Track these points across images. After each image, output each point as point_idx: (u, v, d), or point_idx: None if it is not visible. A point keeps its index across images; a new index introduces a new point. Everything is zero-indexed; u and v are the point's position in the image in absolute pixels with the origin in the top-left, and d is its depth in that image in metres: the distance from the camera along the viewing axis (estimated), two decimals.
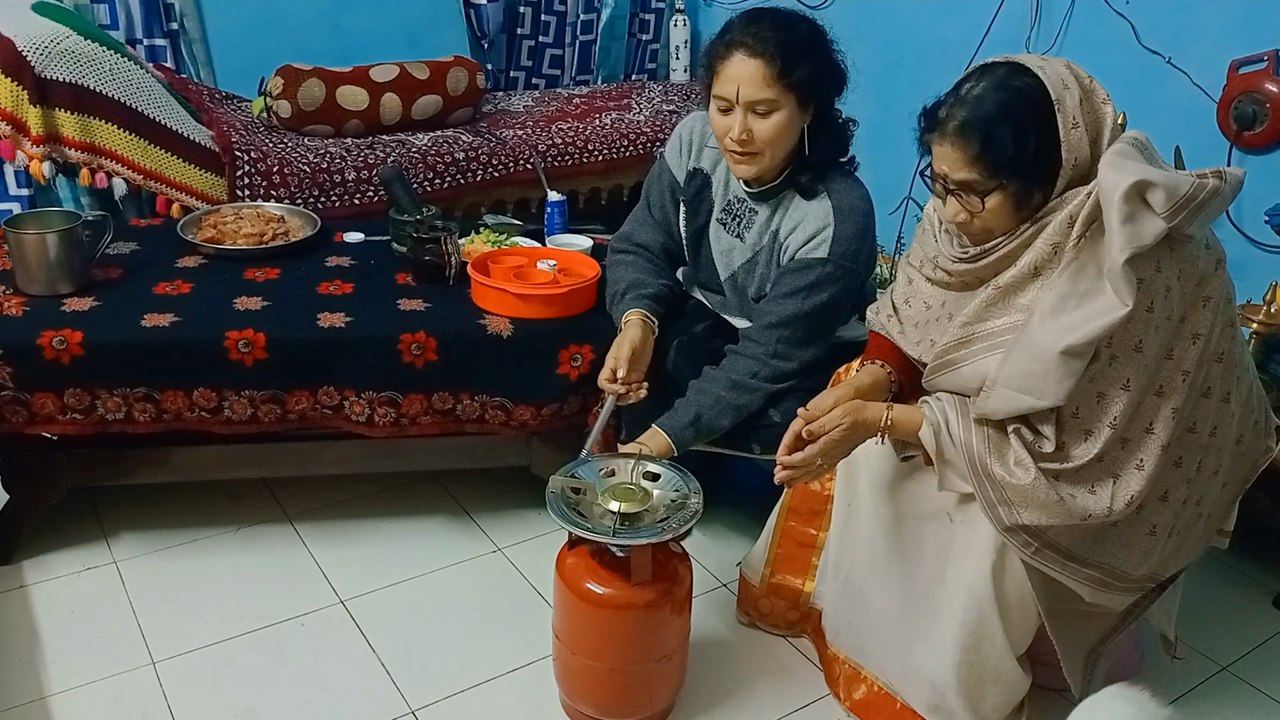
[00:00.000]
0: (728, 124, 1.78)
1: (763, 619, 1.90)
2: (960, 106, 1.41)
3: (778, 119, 1.75)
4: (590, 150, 3.31)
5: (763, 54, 1.72)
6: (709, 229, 1.98)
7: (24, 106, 2.49)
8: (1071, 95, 1.37)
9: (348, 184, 2.89)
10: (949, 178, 1.42)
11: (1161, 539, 1.49)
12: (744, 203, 1.92)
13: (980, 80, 1.41)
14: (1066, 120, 1.36)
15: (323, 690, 1.74)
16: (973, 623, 1.51)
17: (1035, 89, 1.37)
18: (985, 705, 1.57)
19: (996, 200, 1.40)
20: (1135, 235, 1.28)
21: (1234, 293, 1.48)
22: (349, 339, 1.92)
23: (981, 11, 2.99)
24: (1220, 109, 2.49)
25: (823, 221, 1.81)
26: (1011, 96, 1.38)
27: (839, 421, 1.49)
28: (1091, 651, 1.66)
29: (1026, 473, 1.38)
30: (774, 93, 1.73)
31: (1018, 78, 1.39)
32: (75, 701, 1.69)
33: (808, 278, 1.81)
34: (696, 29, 4.21)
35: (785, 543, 1.84)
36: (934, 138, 1.44)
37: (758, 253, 1.91)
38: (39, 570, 1.99)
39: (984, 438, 1.43)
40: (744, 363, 1.85)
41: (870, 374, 1.63)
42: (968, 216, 1.44)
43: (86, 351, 1.84)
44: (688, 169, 1.97)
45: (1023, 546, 1.44)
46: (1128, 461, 1.41)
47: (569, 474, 1.63)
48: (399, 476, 2.31)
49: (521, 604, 1.97)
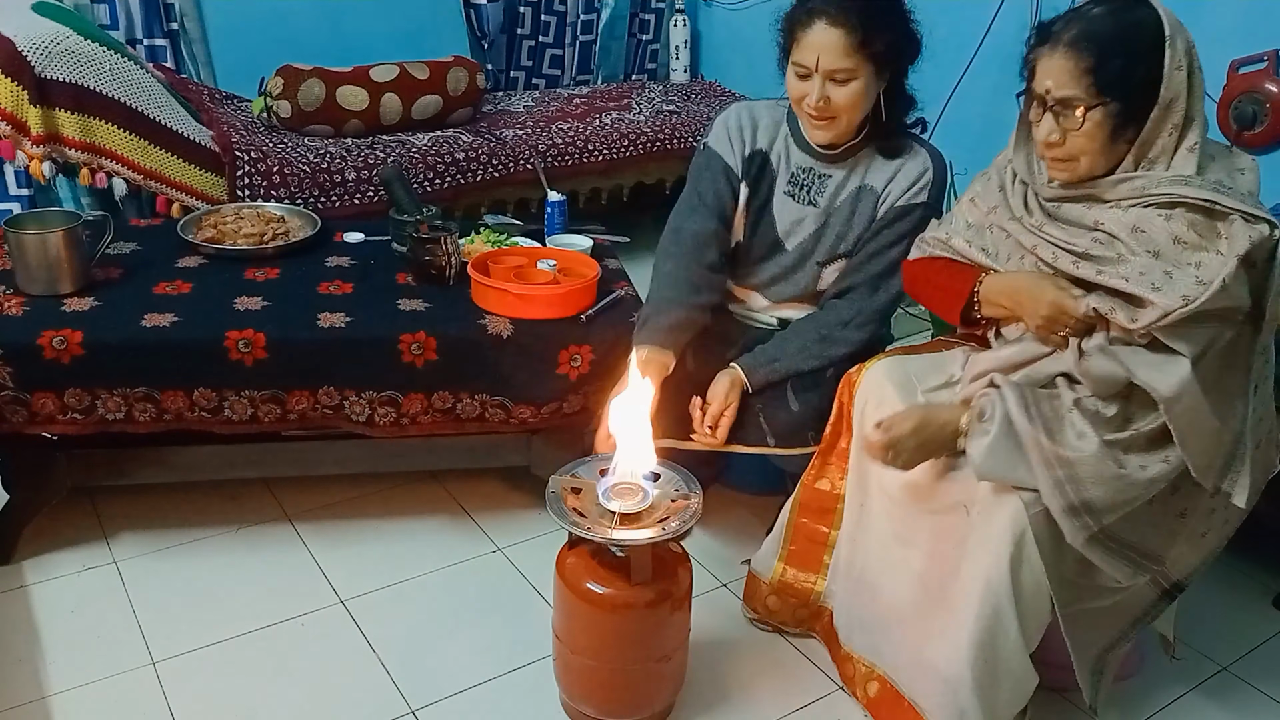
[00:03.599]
0: (805, 89, 1.79)
1: (770, 615, 1.90)
2: (1078, 21, 1.45)
3: (855, 86, 1.77)
4: (590, 150, 3.31)
5: (845, 24, 1.73)
6: (772, 203, 1.97)
7: (24, 106, 2.49)
8: (1184, 36, 1.42)
9: (348, 184, 2.89)
10: (1051, 93, 1.45)
11: (1190, 523, 1.53)
12: (811, 171, 1.93)
13: (1100, 4, 1.46)
14: (1175, 58, 1.41)
15: (323, 690, 1.74)
16: (989, 616, 1.50)
17: (1151, 22, 1.42)
18: (999, 702, 1.55)
19: (1096, 120, 1.44)
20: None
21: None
22: (349, 339, 1.92)
23: (981, 11, 2.99)
24: (1220, 109, 2.49)
25: (922, 166, 1.87)
26: (1130, 21, 1.43)
27: (904, 421, 1.54)
28: (1098, 659, 1.66)
29: (1089, 443, 1.42)
30: (853, 62, 1.74)
31: (1137, 8, 1.44)
32: (75, 701, 1.69)
33: (909, 223, 1.87)
34: (696, 29, 4.21)
35: (797, 539, 1.84)
36: (1044, 51, 1.47)
37: (831, 215, 1.93)
38: (39, 570, 1.99)
39: (1041, 418, 1.45)
40: (839, 313, 1.90)
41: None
42: (1061, 135, 1.47)
43: (87, 351, 1.84)
44: (744, 154, 1.96)
45: (1081, 529, 1.44)
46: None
47: (569, 474, 1.63)
48: (399, 476, 2.31)
49: (521, 604, 1.97)
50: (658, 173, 3.46)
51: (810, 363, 1.87)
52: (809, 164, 1.93)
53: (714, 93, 3.93)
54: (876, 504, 1.69)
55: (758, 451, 1.88)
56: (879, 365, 1.72)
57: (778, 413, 1.86)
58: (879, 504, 1.68)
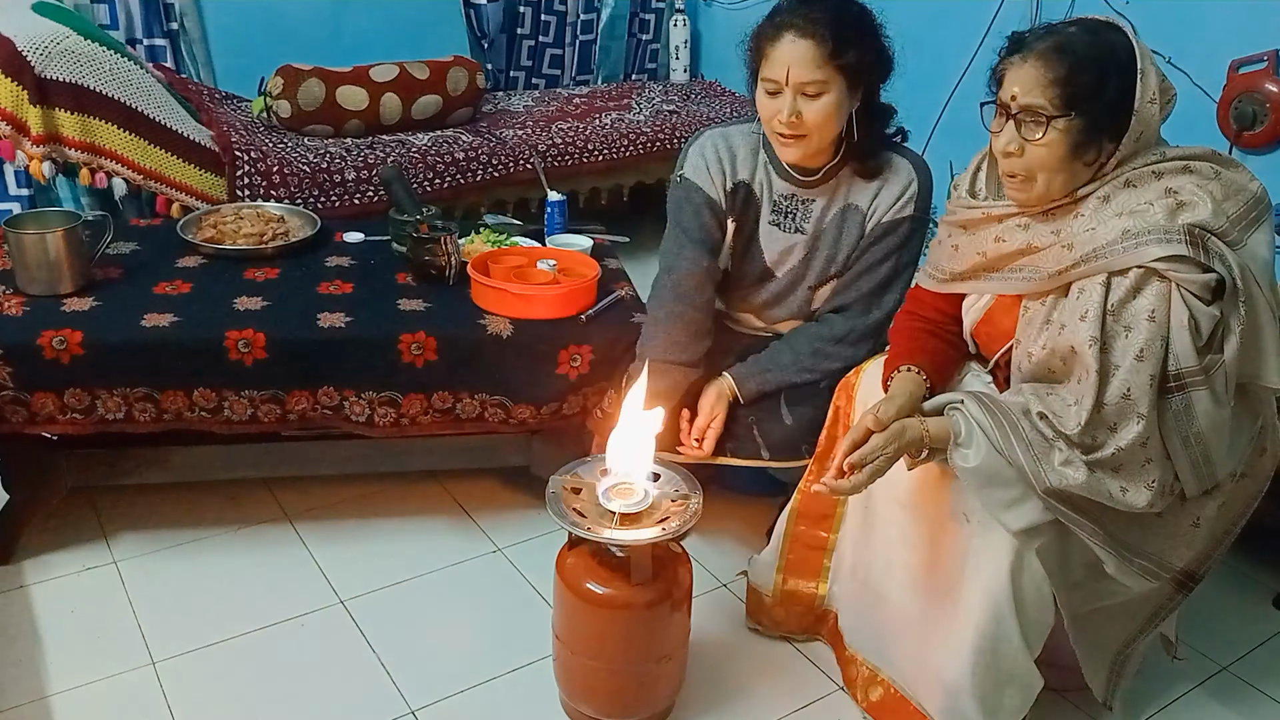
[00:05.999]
0: (776, 106, 1.77)
1: (775, 627, 1.89)
2: (1053, 34, 1.44)
3: (827, 101, 1.74)
4: (590, 150, 3.31)
5: (814, 35, 1.71)
6: (758, 234, 1.96)
7: (24, 106, 2.49)
8: (1155, 70, 1.41)
9: (348, 184, 2.89)
10: (1018, 99, 1.42)
11: (1205, 530, 1.51)
12: (793, 198, 1.91)
13: (1075, 23, 1.45)
14: (1147, 91, 1.40)
15: (323, 690, 1.74)
16: (990, 625, 1.49)
17: (1126, 48, 1.41)
18: (1001, 709, 1.55)
19: (1057, 132, 1.40)
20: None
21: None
22: (349, 339, 1.92)
23: (981, 11, 2.99)
24: (1220, 109, 2.49)
25: (906, 179, 1.85)
26: (1105, 43, 1.41)
27: (883, 450, 1.47)
28: (1118, 655, 1.66)
29: (1078, 471, 1.39)
30: (824, 74, 1.72)
31: (1112, 32, 1.43)
32: (75, 701, 1.69)
33: (898, 237, 1.86)
34: (696, 29, 4.21)
35: (795, 548, 1.83)
36: (1015, 59, 1.44)
37: (819, 239, 1.92)
38: (39, 570, 1.99)
39: (1025, 443, 1.42)
40: (833, 328, 1.89)
41: (905, 384, 1.59)
42: (1019, 146, 1.44)
43: (86, 351, 1.83)
44: (726, 188, 1.92)
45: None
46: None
47: (569, 474, 1.63)
48: (399, 476, 2.31)
49: (521, 604, 1.97)
50: (658, 173, 3.46)
51: (803, 376, 1.87)
52: (790, 191, 1.91)
53: (714, 93, 3.94)
54: (881, 507, 1.68)
55: (752, 464, 1.89)
56: (876, 368, 1.72)
57: (771, 426, 1.86)
58: (884, 507, 1.67)
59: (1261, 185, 1.46)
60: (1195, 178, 1.41)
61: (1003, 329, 1.58)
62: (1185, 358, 1.36)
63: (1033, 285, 1.50)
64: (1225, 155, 1.46)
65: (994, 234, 1.55)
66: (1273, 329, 1.41)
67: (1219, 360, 1.37)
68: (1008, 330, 1.57)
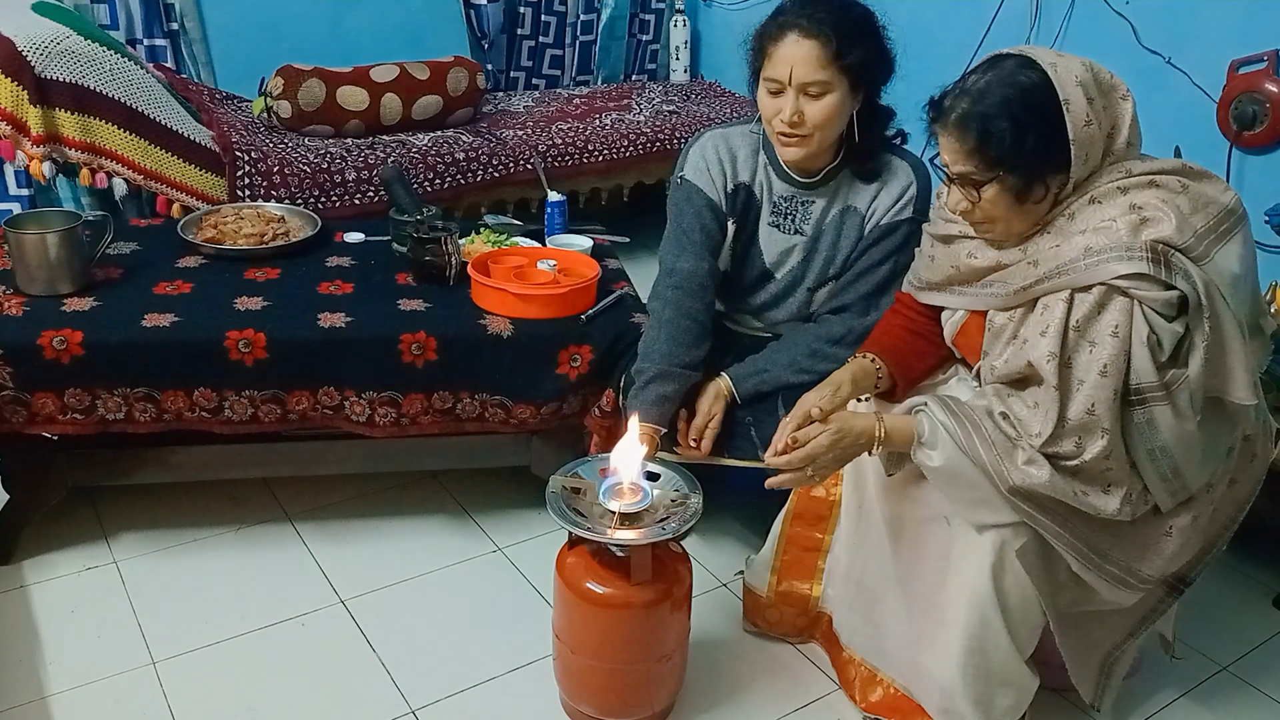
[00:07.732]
0: (778, 106, 1.77)
1: (771, 628, 1.89)
2: (962, 98, 1.42)
3: (829, 101, 1.74)
4: (590, 150, 3.31)
5: (818, 35, 1.71)
6: (758, 235, 1.96)
7: (24, 106, 2.49)
8: (1080, 95, 1.38)
9: (348, 184, 2.90)
10: (950, 168, 1.45)
11: (1178, 540, 1.50)
12: (793, 199, 1.91)
13: (986, 73, 1.43)
14: (1077, 119, 1.38)
15: (323, 690, 1.74)
16: (976, 626, 1.50)
17: (1042, 84, 1.38)
18: (995, 710, 1.56)
19: (993, 192, 1.42)
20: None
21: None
22: (349, 339, 1.92)
23: (981, 11, 2.99)
24: (1220, 109, 2.49)
25: (905, 181, 1.86)
26: (1014, 92, 1.39)
27: (819, 431, 1.51)
28: (1107, 656, 1.66)
29: (1041, 470, 1.40)
30: (828, 74, 1.72)
31: (1024, 72, 1.40)
32: (75, 701, 1.69)
33: (897, 239, 1.86)
34: (696, 29, 4.21)
35: (791, 549, 1.83)
36: (937, 128, 1.46)
37: (818, 240, 1.92)
38: (39, 570, 1.99)
39: (988, 443, 1.43)
40: (830, 329, 1.89)
41: (851, 369, 1.66)
42: (969, 206, 1.47)
43: (87, 351, 1.84)
44: (726, 189, 1.92)
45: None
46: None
47: (569, 474, 1.63)
48: (399, 476, 2.31)
49: (521, 604, 1.97)
50: (658, 173, 3.46)
51: (800, 377, 1.85)
52: (790, 192, 1.91)
53: (714, 93, 3.94)
54: (874, 508, 1.69)
55: (750, 465, 1.88)
56: None
57: (769, 427, 1.85)
58: (877, 508, 1.68)
59: (1236, 196, 1.43)
60: (1161, 192, 1.40)
61: (977, 342, 1.59)
62: (1145, 374, 1.36)
63: (999, 301, 1.51)
64: (1197, 168, 1.44)
65: (967, 249, 1.57)
66: (1239, 344, 1.39)
67: (1182, 375, 1.37)
68: (981, 344, 1.58)
